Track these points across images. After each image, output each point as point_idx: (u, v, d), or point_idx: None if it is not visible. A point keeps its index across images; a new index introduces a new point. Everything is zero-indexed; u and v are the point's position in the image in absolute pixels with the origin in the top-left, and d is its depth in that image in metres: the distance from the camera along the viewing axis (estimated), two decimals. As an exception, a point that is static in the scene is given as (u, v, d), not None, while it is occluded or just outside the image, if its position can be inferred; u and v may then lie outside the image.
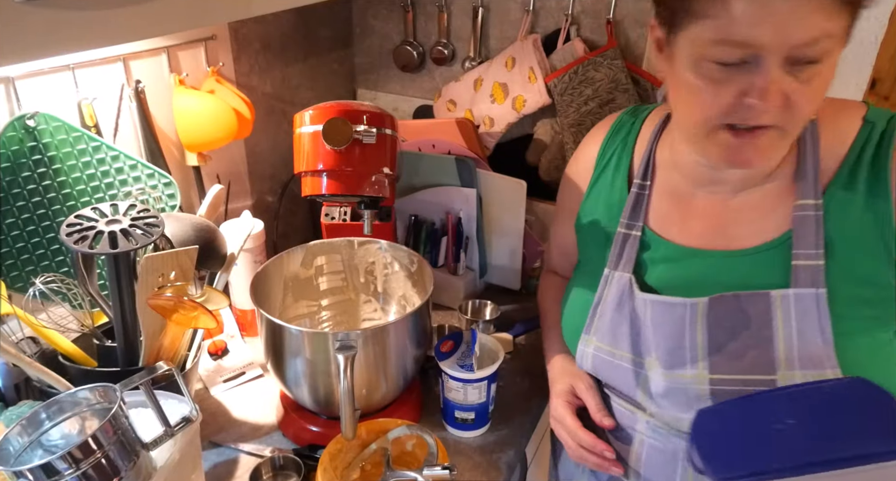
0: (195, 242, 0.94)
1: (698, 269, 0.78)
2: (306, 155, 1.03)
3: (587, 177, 0.91)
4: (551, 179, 1.45)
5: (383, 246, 1.13)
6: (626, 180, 0.86)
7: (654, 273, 0.81)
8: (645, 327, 0.78)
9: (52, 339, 0.88)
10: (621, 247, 0.83)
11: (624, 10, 1.33)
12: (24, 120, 0.94)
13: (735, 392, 0.72)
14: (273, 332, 0.94)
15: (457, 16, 1.49)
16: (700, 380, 0.74)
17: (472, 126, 1.47)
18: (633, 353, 0.80)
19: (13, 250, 0.97)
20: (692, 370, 0.74)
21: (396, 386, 1.00)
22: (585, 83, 1.33)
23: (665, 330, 0.76)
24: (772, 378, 0.70)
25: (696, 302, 0.74)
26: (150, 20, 0.65)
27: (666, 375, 0.76)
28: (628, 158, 0.87)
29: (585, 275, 0.88)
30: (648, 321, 0.78)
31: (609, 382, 0.85)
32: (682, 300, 0.75)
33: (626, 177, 0.87)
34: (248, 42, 1.31)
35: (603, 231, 0.87)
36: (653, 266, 0.82)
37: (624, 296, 0.81)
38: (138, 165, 1.06)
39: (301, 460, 0.94)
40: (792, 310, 0.70)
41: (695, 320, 0.74)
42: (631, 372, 0.80)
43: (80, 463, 0.64)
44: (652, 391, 0.78)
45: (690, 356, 0.74)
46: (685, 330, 0.75)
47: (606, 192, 0.88)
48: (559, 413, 0.88)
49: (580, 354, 0.86)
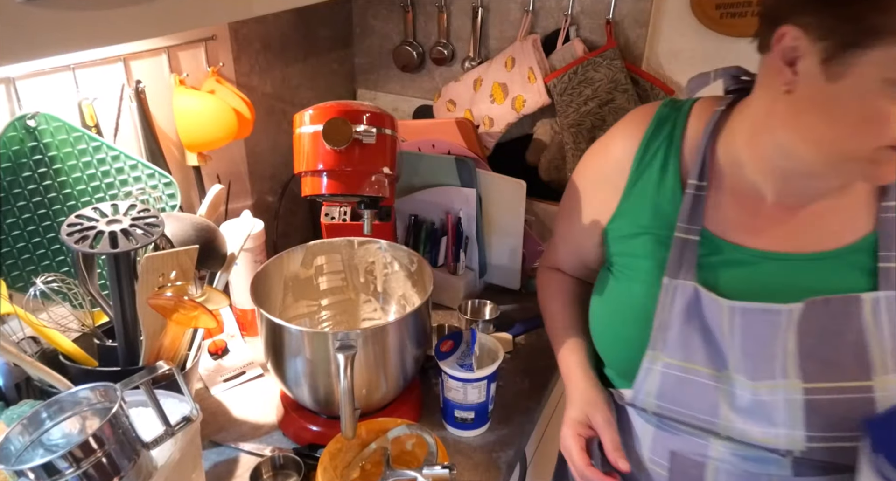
0: (195, 242, 0.95)
1: (776, 274, 0.73)
2: (306, 155, 1.04)
3: (621, 175, 0.83)
4: (551, 179, 1.45)
5: (383, 246, 1.13)
6: (677, 180, 0.79)
7: (723, 279, 0.75)
8: (723, 337, 0.73)
9: (52, 339, 0.88)
10: (680, 254, 0.76)
11: (623, 11, 1.33)
12: (25, 120, 0.94)
13: (831, 400, 0.68)
14: (273, 332, 0.94)
15: (456, 16, 1.49)
16: (793, 390, 0.69)
17: (472, 126, 1.47)
18: (710, 367, 0.74)
19: (14, 250, 0.97)
20: (783, 380, 0.70)
21: (396, 386, 1.00)
22: (585, 83, 1.33)
23: (752, 339, 0.71)
24: (868, 384, 0.67)
25: (791, 308, 0.70)
26: (151, 20, 0.65)
27: (752, 387, 0.71)
28: (677, 156, 0.79)
29: (633, 283, 0.81)
30: (731, 330, 0.72)
31: (679, 403, 0.77)
32: (778, 306, 0.70)
33: (677, 176, 0.79)
34: (249, 42, 1.31)
35: (652, 236, 0.80)
36: (718, 272, 0.76)
37: (692, 305, 0.74)
38: (139, 165, 1.06)
39: (301, 459, 0.94)
40: (883, 313, 0.67)
41: (788, 327, 0.70)
42: (709, 388, 0.74)
43: (80, 463, 0.64)
44: (734, 406, 0.73)
45: (781, 365, 0.70)
46: (777, 337, 0.70)
47: (653, 193, 0.80)
48: (567, 444, 0.82)
49: (644, 372, 0.78)
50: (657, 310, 0.76)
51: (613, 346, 0.84)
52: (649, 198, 0.81)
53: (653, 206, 0.80)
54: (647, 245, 0.80)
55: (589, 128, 1.37)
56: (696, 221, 0.76)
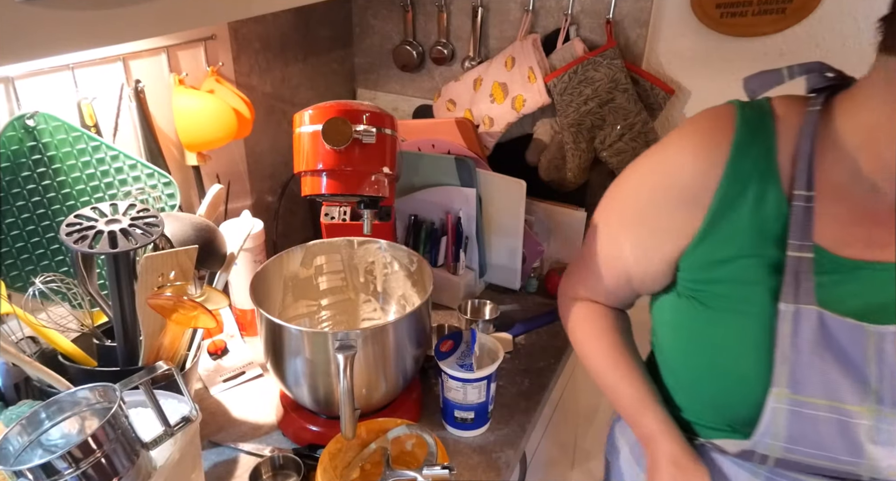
0: (195, 242, 0.94)
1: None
2: (306, 154, 1.03)
3: (705, 193, 0.71)
4: (551, 179, 1.45)
5: (383, 245, 1.13)
6: (780, 192, 0.69)
7: (848, 300, 0.67)
8: (867, 365, 0.65)
9: (51, 339, 0.88)
10: (795, 275, 0.67)
11: (623, 10, 1.33)
12: (24, 119, 0.94)
13: None
14: (273, 332, 0.94)
15: (456, 15, 1.49)
16: None
17: (472, 126, 1.47)
18: (851, 401, 0.66)
19: (13, 250, 0.97)
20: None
21: (396, 386, 1.00)
22: (585, 83, 1.33)
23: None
24: None
25: None
26: (150, 20, 0.65)
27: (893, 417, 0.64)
28: (775, 164, 0.69)
29: (739, 314, 0.71)
30: (878, 357, 0.65)
31: (815, 445, 0.69)
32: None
33: (779, 187, 0.69)
34: (248, 42, 1.31)
35: (757, 259, 0.70)
36: (840, 292, 0.67)
37: (819, 332, 0.66)
38: (138, 165, 1.06)
39: (301, 460, 0.94)
40: None
41: None
42: (850, 425, 0.66)
43: (79, 463, 0.64)
44: (880, 442, 0.66)
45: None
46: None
47: (752, 210, 0.70)
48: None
49: (770, 414, 0.69)
50: (777, 341, 0.67)
51: (716, 389, 0.74)
52: (749, 216, 0.70)
53: (754, 225, 0.70)
54: (753, 269, 0.70)
55: (589, 128, 1.37)
56: (807, 237, 0.68)
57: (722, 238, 0.71)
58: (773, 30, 1.23)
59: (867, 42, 1.15)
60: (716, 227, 0.72)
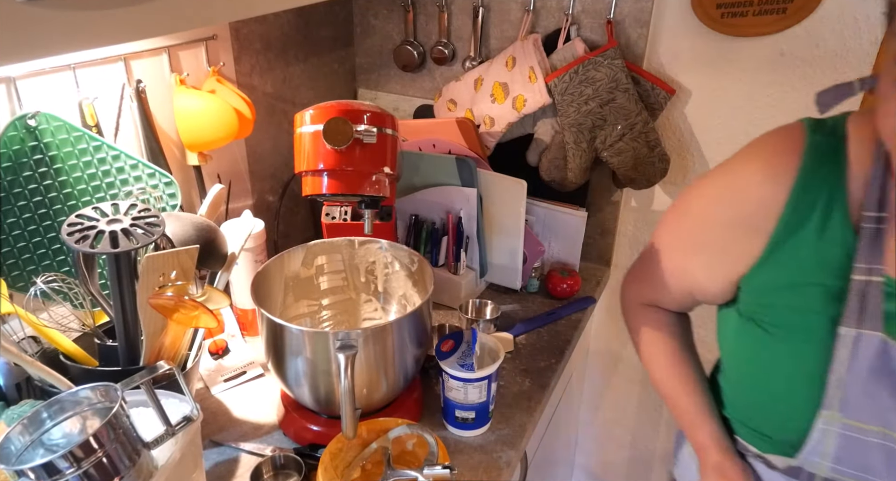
0: (196, 242, 0.95)
1: None
2: (307, 154, 1.04)
3: (767, 220, 0.70)
4: (552, 179, 1.45)
5: (384, 245, 1.13)
6: (847, 219, 0.67)
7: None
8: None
9: (53, 339, 0.88)
10: (861, 299, 0.65)
11: (624, 10, 1.33)
12: (26, 119, 0.94)
13: None
14: (274, 332, 0.94)
15: (457, 15, 1.49)
16: None
17: (473, 126, 1.47)
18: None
19: (14, 249, 0.97)
20: None
21: (397, 386, 1.00)
22: (586, 83, 1.33)
23: None
24: None
25: None
26: (151, 20, 0.65)
27: None
28: (844, 189, 0.67)
29: (797, 341, 0.71)
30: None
31: (863, 469, 0.69)
32: None
33: (845, 214, 0.67)
34: (249, 42, 1.31)
35: (819, 287, 0.69)
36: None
37: (880, 359, 0.65)
38: (139, 165, 1.06)
39: (302, 459, 0.94)
40: None
41: None
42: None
43: (81, 463, 0.64)
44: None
45: None
46: None
47: (815, 238, 0.68)
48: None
49: (819, 434, 0.69)
50: (833, 365, 0.67)
51: (768, 408, 0.75)
52: (812, 244, 0.69)
53: (817, 253, 0.68)
54: (815, 298, 0.69)
55: (590, 128, 1.37)
56: (877, 260, 0.65)
57: (783, 264, 0.71)
58: (773, 30, 1.23)
59: (868, 42, 1.15)
60: (777, 253, 0.71)
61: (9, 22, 0.53)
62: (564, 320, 1.34)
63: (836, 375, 0.67)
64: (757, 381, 0.76)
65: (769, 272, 0.72)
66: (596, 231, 1.53)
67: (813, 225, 0.68)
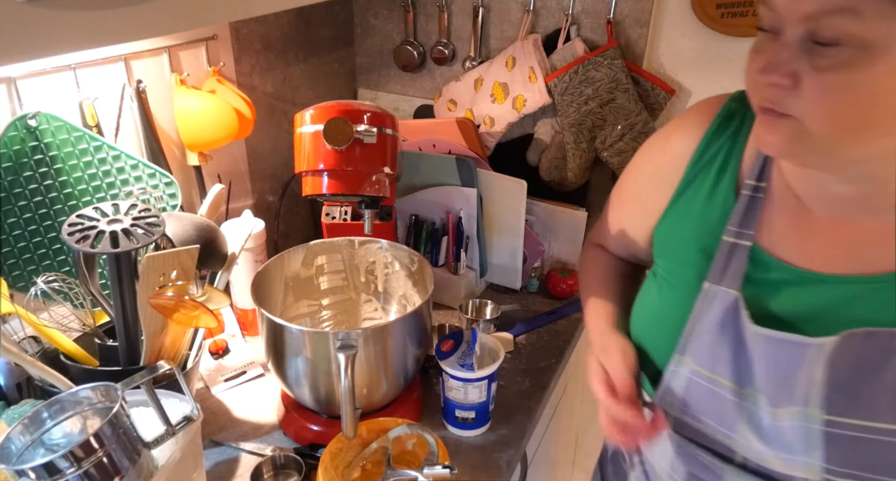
0: (196, 242, 0.95)
1: (824, 299, 0.66)
2: (307, 154, 1.04)
3: (676, 173, 0.76)
4: (552, 179, 1.45)
5: (384, 245, 1.13)
6: (733, 185, 0.72)
7: (768, 298, 0.69)
8: (753, 356, 0.68)
9: (53, 338, 0.88)
10: (727, 259, 0.70)
11: (624, 10, 1.33)
12: (26, 119, 0.94)
13: (853, 438, 0.63)
14: (274, 332, 0.94)
15: (457, 15, 1.49)
16: (811, 420, 0.64)
17: (473, 126, 1.47)
18: (735, 382, 0.69)
19: (15, 249, 0.97)
20: (803, 408, 0.64)
21: (397, 386, 1.00)
22: (586, 83, 1.33)
23: (778, 365, 0.66)
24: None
25: (822, 343, 0.63)
26: (151, 20, 0.65)
27: (771, 412, 0.67)
28: (738, 158, 0.72)
29: (672, 290, 0.76)
30: (758, 353, 0.67)
31: (702, 412, 0.73)
32: (806, 340, 0.63)
33: (734, 181, 0.72)
34: (250, 42, 1.31)
35: (697, 242, 0.73)
36: (765, 290, 0.69)
37: (728, 316, 0.69)
38: (139, 165, 1.06)
39: (302, 459, 0.94)
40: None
41: (817, 359, 0.64)
42: (732, 403, 0.70)
43: (81, 462, 0.64)
44: (754, 425, 0.69)
45: (803, 393, 0.64)
46: (801, 367, 0.64)
47: (705, 197, 0.73)
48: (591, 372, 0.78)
49: (670, 375, 0.74)
50: (692, 314, 0.72)
51: (647, 350, 0.79)
52: (701, 202, 0.74)
53: (703, 212, 0.74)
54: (693, 253, 0.74)
55: (590, 128, 1.37)
56: (749, 226, 0.70)
57: (677, 219, 0.76)
58: (773, 30, 1.23)
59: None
60: (675, 206, 0.76)
61: (9, 22, 0.53)
62: (564, 320, 1.34)
63: (692, 324, 0.71)
64: (643, 328, 0.81)
65: (667, 223, 0.78)
66: (596, 231, 1.53)
67: (706, 184, 0.73)
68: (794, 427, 0.65)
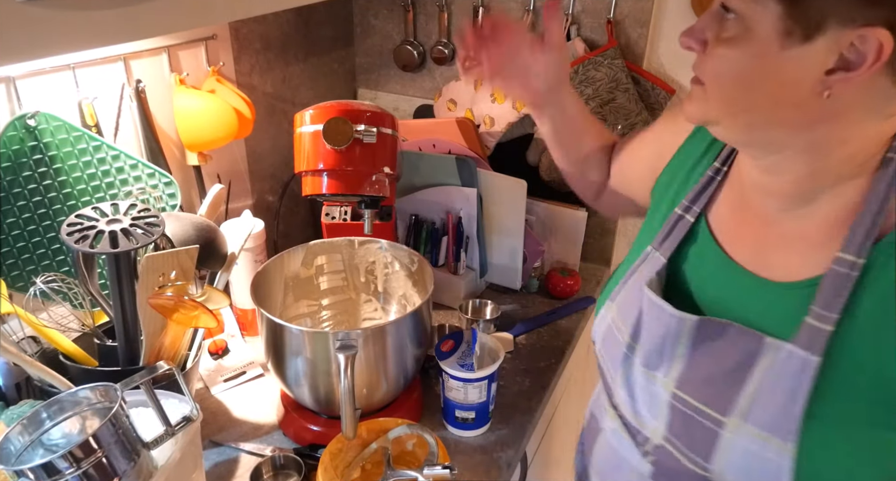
0: (196, 242, 0.94)
1: (730, 287, 0.70)
2: (307, 154, 1.03)
3: (679, 138, 0.81)
4: (552, 179, 1.45)
5: (384, 245, 1.13)
6: (712, 162, 0.76)
7: (689, 273, 0.74)
8: (644, 318, 0.74)
9: (52, 339, 0.88)
10: (671, 228, 0.76)
11: (624, 10, 1.33)
12: (25, 119, 0.94)
13: (688, 415, 0.68)
14: (273, 332, 0.94)
15: (457, 15, 1.49)
16: (665, 388, 0.70)
17: (473, 125, 1.47)
18: (630, 336, 0.75)
19: (14, 249, 0.97)
20: (663, 376, 0.71)
21: (397, 386, 1.00)
22: (586, 83, 1.33)
23: (654, 330, 0.72)
24: (722, 419, 0.65)
25: (683, 319, 0.69)
26: (151, 20, 0.65)
27: (643, 371, 0.73)
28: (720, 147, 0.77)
29: (633, 250, 0.83)
30: (646, 315, 0.74)
31: (607, 353, 0.80)
32: (673, 313, 0.70)
33: (713, 159, 0.76)
34: (249, 42, 1.31)
35: (662, 214, 0.79)
36: (691, 265, 0.74)
37: (651, 279, 0.75)
38: (139, 165, 1.06)
39: (301, 459, 0.94)
40: (777, 364, 0.62)
41: (680, 333, 0.70)
42: (622, 355, 0.76)
43: (80, 463, 0.64)
44: (628, 376, 0.75)
45: (666, 362, 0.71)
46: (668, 338, 0.71)
47: (688, 167, 0.78)
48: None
49: (600, 317, 0.81)
50: (629, 270, 0.79)
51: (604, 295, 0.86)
52: (680, 180, 0.79)
53: (677, 188, 0.78)
54: (657, 222, 0.79)
55: (590, 128, 1.37)
56: (699, 203, 0.75)
57: (663, 179, 0.82)
58: (774, 29, 1.23)
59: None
60: (668, 168, 0.81)
61: (9, 22, 0.53)
62: (564, 320, 1.34)
63: (626, 278, 0.79)
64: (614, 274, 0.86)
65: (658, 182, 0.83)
66: (596, 231, 1.53)
67: (695, 152, 0.78)
68: (653, 391, 0.72)
